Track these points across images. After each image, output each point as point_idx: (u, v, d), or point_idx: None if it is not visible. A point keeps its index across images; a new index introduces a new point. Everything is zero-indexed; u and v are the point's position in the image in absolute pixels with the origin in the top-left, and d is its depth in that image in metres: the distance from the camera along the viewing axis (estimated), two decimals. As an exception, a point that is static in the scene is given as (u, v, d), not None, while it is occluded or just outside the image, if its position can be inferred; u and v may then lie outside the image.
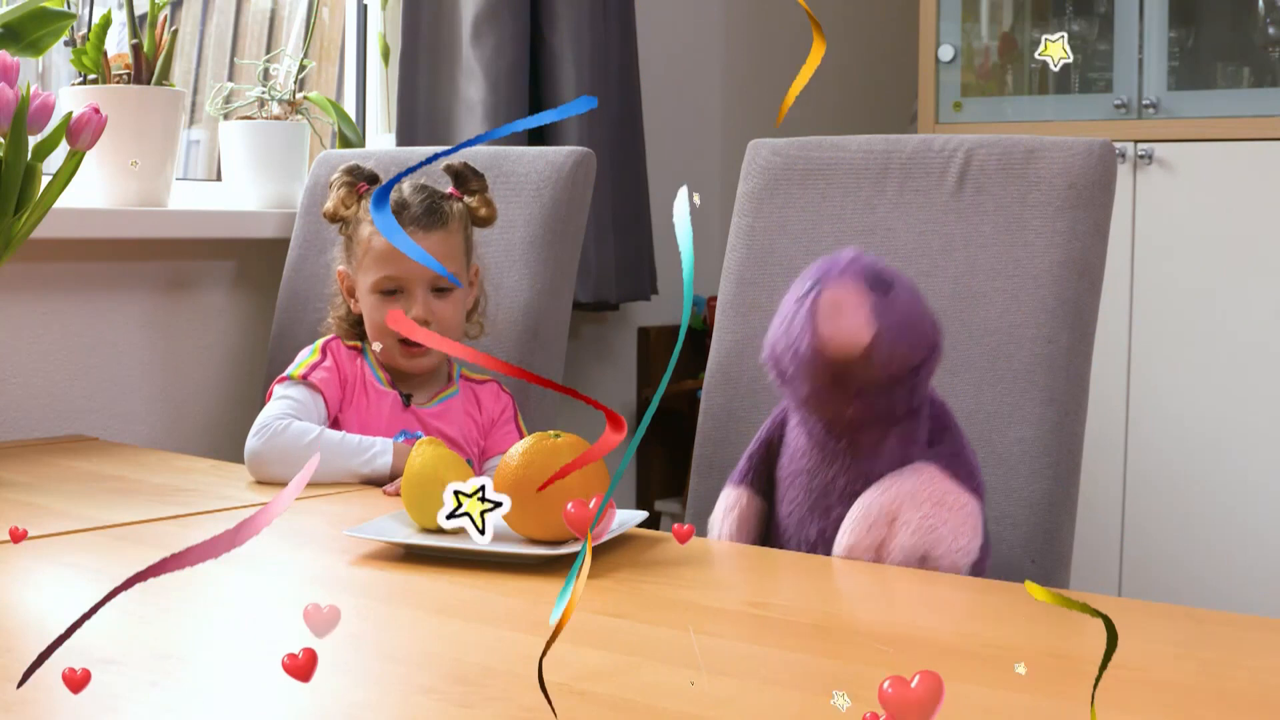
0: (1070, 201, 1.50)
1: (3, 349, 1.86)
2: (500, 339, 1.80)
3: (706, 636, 0.91)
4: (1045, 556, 1.44)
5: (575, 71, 2.38)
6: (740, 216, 1.71)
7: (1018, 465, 1.46)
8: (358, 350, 1.67)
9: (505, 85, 2.31)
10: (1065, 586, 1.47)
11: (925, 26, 2.77)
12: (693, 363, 2.85)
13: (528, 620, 0.96)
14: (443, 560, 1.11)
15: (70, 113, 1.43)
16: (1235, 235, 2.46)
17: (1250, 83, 2.57)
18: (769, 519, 1.35)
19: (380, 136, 2.41)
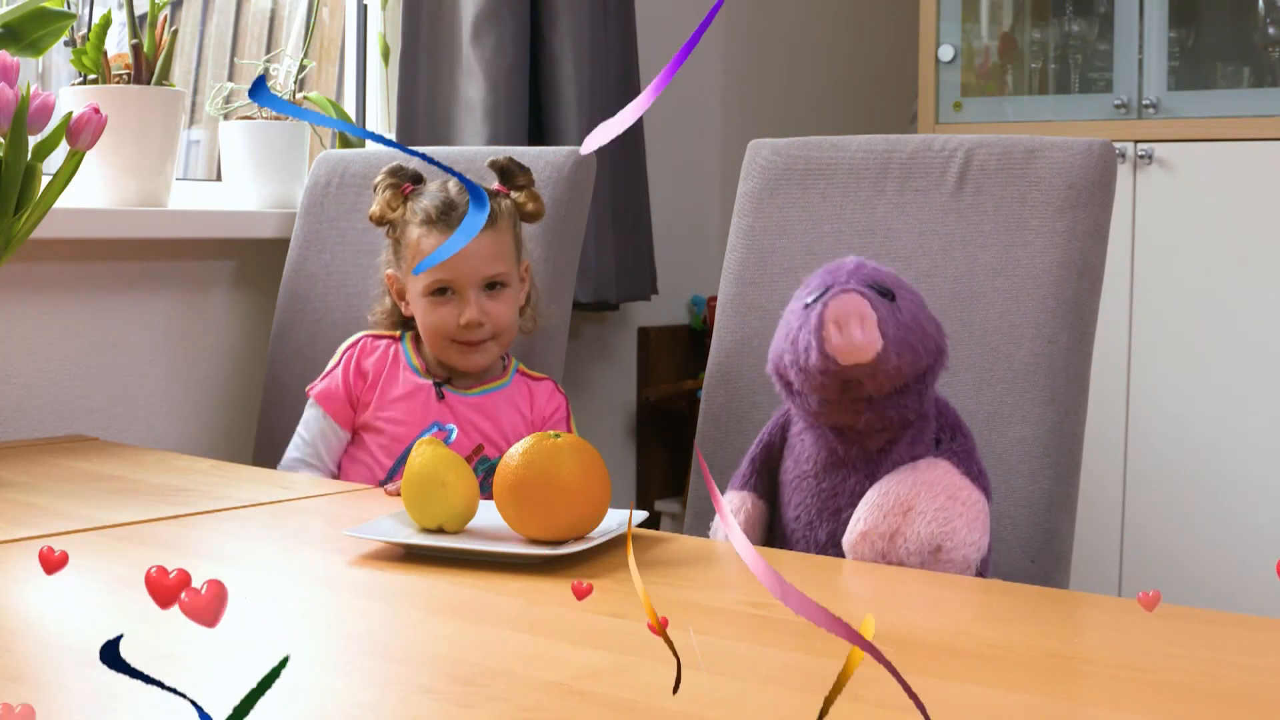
0: (1070, 201, 1.50)
1: (3, 349, 1.86)
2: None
3: (706, 636, 0.91)
4: (1045, 556, 1.44)
5: (575, 71, 2.38)
6: (740, 216, 1.71)
7: (1018, 465, 1.46)
8: (394, 339, 1.67)
9: (505, 85, 2.31)
10: (1065, 587, 1.47)
11: (925, 26, 2.77)
12: (693, 363, 2.85)
13: (528, 620, 0.96)
14: (443, 560, 1.11)
15: (70, 113, 1.43)
16: (1235, 235, 2.46)
17: (1250, 83, 2.57)
18: (771, 522, 1.36)
19: (380, 136, 2.41)
